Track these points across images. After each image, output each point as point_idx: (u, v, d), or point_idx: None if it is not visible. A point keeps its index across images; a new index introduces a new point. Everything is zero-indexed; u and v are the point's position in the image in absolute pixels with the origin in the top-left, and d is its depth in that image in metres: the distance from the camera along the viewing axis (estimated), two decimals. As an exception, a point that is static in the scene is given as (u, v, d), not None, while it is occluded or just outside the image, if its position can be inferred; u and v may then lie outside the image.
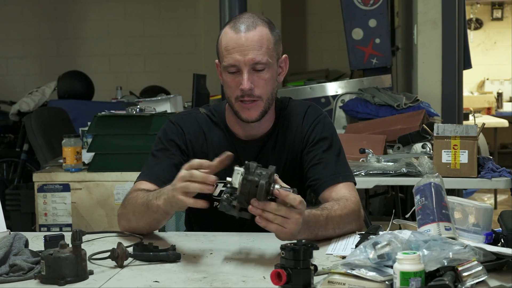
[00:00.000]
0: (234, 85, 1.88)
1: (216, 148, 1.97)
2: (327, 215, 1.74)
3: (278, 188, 1.52)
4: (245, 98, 1.87)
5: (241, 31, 1.86)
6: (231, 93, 1.90)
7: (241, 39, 1.85)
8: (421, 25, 4.67)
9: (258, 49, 1.85)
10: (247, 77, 1.85)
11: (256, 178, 1.51)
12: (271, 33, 1.89)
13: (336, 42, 7.24)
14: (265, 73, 1.87)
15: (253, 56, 1.84)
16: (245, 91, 1.86)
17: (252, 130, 1.98)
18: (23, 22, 7.70)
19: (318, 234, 1.72)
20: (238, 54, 1.85)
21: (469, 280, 1.29)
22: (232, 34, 1.87)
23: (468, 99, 7.57)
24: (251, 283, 1.42)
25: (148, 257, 1.59)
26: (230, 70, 1.87)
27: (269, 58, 1.87)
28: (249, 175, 1.51)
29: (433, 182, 1.59)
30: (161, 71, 7.64)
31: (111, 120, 3.36)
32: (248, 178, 1.51)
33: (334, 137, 2.00)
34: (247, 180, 1.51)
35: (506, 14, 8.86)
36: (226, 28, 1.90)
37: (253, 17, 1.89)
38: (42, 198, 3.37)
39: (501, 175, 2.90)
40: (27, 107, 5.60)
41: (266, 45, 1.86)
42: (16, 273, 1.48)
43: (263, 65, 1.86)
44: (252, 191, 1.51)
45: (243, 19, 1.88)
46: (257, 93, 1.87)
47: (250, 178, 1.51)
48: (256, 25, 1.87)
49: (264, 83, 1.88)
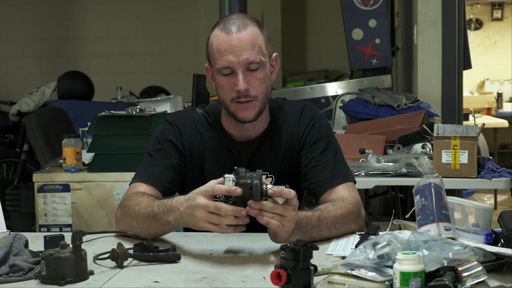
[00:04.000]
0: (229, 87, 1.86)
1: (212, 150, 1.97)
2: (319, 216, 1.74)
3: (271, 187, 1.53)
4: (241, 99, 1.86)
5: (232, 32, 1.84)
6: (226, 95, 1.88)
7: (233, 40, 1.83)
8: (421, 25, 4.67)
9: (251, 48, 1.84)
10: (243, 77, 1.84)
11: (249, 180, 1.53)
12: (261, 32, 1.88)
13: (336, 42, 7.24)
14: (259, 72, 1.87)
15: (247, 56, 1.83)
16: (241, 92, 1.84)
17: (247, 132, 1.97)
18: (23, 22, 7.71)
19: (312, 234, 1.71)
20: (232, 55, 1.83)
21: (469, 280, 1.29)
22: (223, 36, 1.85)
23: (468, 100, 7.57)
24: (251, 283, 1.42)
25: (148, 258, 1.59)
26: (224, 72, 1.85)
27: (262, 57, 1.86)
28: (241, 179, 1.54)
29: (433, 183, 1.59)
30: (161, 71, 7.64)
31: (111, 120, 3.36)
32: (241, 182, 1.53)
33: (330, 137, 1.99)
34: (240, 184, 1.53)
35: (506, 14, 8.86)
36: (216, 31, 1.88)
37: (242, 17, 1.88)
38: (42, 198, 3.37)
39: (501, 175, 2.90)
40: (27, 107, 5.60)
41: (258, 44, 1.86)
42: (16, 273, 1.48)
43: (257, 64, 1.85)
44: (247, 193, 1.53)
45: (232, 20, 1.87)
46: (253, 92, 1.86)
47: (243, 181, 1.53)
48: (246, 25, 1.86)
49: (259, 83, 1.87)
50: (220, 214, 1.55)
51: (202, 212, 1.56)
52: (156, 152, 1.96)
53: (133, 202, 1.80)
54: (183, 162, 1.97)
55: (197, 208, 1.57)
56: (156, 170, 1.92)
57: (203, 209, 1.56)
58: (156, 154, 1.96)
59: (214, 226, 1.57)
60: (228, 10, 4.63)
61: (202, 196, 1.57)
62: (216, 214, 1.55)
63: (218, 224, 1.56)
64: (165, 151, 1.95)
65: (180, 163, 1.96)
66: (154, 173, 1.91)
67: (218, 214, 1.55)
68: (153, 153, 1.96)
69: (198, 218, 1.57)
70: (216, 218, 1.55)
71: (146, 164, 1.95)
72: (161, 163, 1.93)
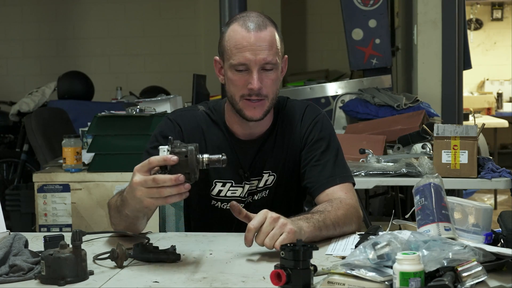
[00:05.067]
0: (241, 84, 1.86)
1: (215, 147, 1.96)
2: (324, 218, 1.74)
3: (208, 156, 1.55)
4: (252, 97, 1.86)
5: (252, 30, 1.84)
6: (236, 91, 1.88)
7: (252, 38, 1.83)
8: (421, 25, 4.67)
9: (269, 49, 1.84)
10: (257, 76, 1.84)
11: (183, 149, 1.52)
12: (277, 33, 1.89)
13: (336, 42, 7.24)
14: (273, 73, 1.87)
15: (264, 56, 1.83)
16: (254, 91, 1.85)
17: (251, 130, 1.97)
18: (23, 22, 7.71)
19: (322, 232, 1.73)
20: (250, 53, 1.83)
21: (468, 280, 1.29)
22: (243, 33, 1.84)
23: (468, 100, 7.57)
24: (251, 283, 1.42)
25: (148, 258, 1.59)
26: (239, 68, 1.85)
27: (278, 58, 1.87)
28: (176, 148, 1.52)
29: (432, 183, 1.59)
30: (161, 71, 7.64)
31: (111, 120, 3.36)
32: (176, 151, 1.52)
33: (332, 137, 1.99)
34: (175, 153, 1.51)
35: (506, 14, 8.86)
36: (235, 26, 1.87)
37: (262, 17, 1.88)
38: (42, 198, 3.37)
39: (501, 175, 2.90)
40: (27, 107, 5.60)
41: (275, 46, 1.86)
42: (16, 273, 1.48)
43: (272, 65, 1.86)
44: (183, 161, 1.51)
45: (252, 18, 1.87)
46: (265, 92, 1.87)
47: (177, 150, 1.52)
48: (266, 25, 1.86)
49: (271, 83, 1.87)
50: (158, 187, 1.52)
51: (141, 189, 1.55)
52: (153, 149, 1.93)
53: (112, 199, 1.81)
54: None
55: (135, 187, 1.56)
56: None
57: (141, 186, 1.54)
58: (153, 151, 1.92)
59: (156, 200, 1.55)
60: (228, 10, 4.64)
61: (138, 173, 1.56)
62: (156, 187, 1.52)
63: (159, 197, 1.54)
64: None
65: None
66: None
67: (156, 187, 1.52)
68: (151, 150, 1.94)
69: (139, 196, 1.56)
70: (156, 191, 1.53)
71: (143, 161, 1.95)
72: None
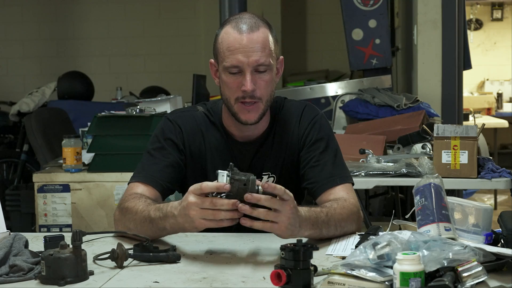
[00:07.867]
0: (235, 86, 1.85)
1: (214, 149, 1.96)
2: (327, 212, 1.74)
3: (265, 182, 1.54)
4: (246, 100, 1.85)
5: (245, 31, 1.83)
6: (231, 94, 1.87)
7: (244, 39, 1.82)
8: (421, 25, 4.67)
9: (262, 50, 1.83)
10: (250, 78, 1.83)
11: (243, 176, 1.53)
12: (271, 34, 1.88)
13: (336, 42, 7.23)
14: (266, 74, 1.86)
15: (257, 57, 1.82)
16: (248, 93, 1.84)
17: (249, 131, 1.96)
18: (23, 22, 7.71)
19: (323, 231, 1.71)
20: (242, 55, 1.82)
21: (469, 280, 1.29)
22: (235, 34, 1.84)
23: (468, 100, 7.57)
24: (251, 284, 1.42)
25: (148, 258, 1.59)
26: (232, 71, 1.84)
27: (271, 59, 1.86)
28: (236, 175, 1.53)
29: (433, 183, 1.59)
30: (161, 71, 7.64)
31: (111, 120, 3.36)
32: (236, 177, 1.53)
33: (331, 138, 1.99)
34: (235, 179, 1.52)
35: (506, 14, 8.86)
36: (227, 28, 1.86)
37: (255, 18, 1.87)
38: (42, 198, 3.37)
39: (501, 175, 2.90)
40: (27, 107, 5.60)
41: (268, 47, 1.85)
42: (16, 273, 1.48)
43: (266, 66, 1.85)
44: (241, 189, 1.52)
45: (245, 20, 1.86)
46: (258, 94, 1.86)
47: (237, 177, 1.53)
48: (258, 26, 1.85)
49: (265, 85, 1.86)
50: (214, 209, 1.54)
51: (195, 209, 1.56)
52: (155, 150, 1.94)
53: (130, 204, 1.79)
54: (184, 160, 1.96)
55: (190, 206, 1.57)
56: (155, 169, 1.90)
57: (196, 207, 1.56)
58: (156, 153, 1.94)
59: (209, 222, 1.56)
60: (228, 10, 4.63)
61: (194, 194, 1.57)
62: (211, 209, 1.54)
63: (213, 219, 1.55)
64: (164, 149, 1.94)
65: (180, 162, 1.95)
66: (153, 172, 1.90)
67: (212, 209, 1.54)
68: (153, 152, 1.94)
69: (192, 216, 1.56)
70: (211, 213, 1.55)
71: (145, 163, 1.94)
72: (161, 162, 1.92)
